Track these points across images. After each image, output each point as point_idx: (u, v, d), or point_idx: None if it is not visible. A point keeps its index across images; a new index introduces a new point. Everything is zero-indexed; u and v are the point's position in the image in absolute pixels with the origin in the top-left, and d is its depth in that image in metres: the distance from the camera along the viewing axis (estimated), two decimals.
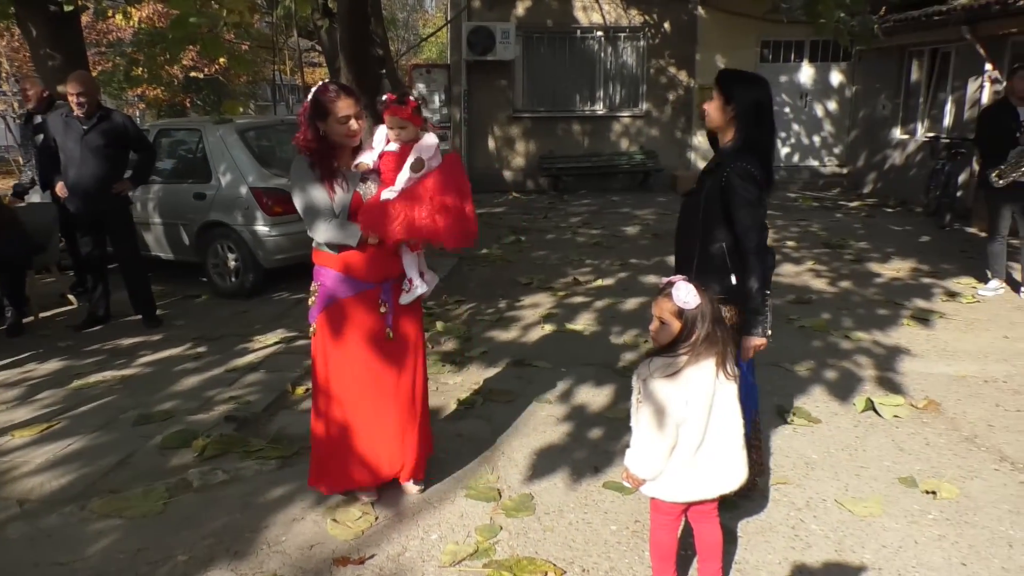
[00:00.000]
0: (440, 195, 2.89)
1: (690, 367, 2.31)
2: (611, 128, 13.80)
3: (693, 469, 2.37)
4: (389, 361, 3.06)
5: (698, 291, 2.32)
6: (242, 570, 2.79)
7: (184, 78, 22.41)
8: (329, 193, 2.93)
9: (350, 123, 2.92)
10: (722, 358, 2.36)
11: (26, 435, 3.98)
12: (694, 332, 2.31)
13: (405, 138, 2.95)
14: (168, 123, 8.44)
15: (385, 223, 2.86)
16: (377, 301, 3.02)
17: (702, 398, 2.33)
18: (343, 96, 2.90)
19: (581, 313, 6.00)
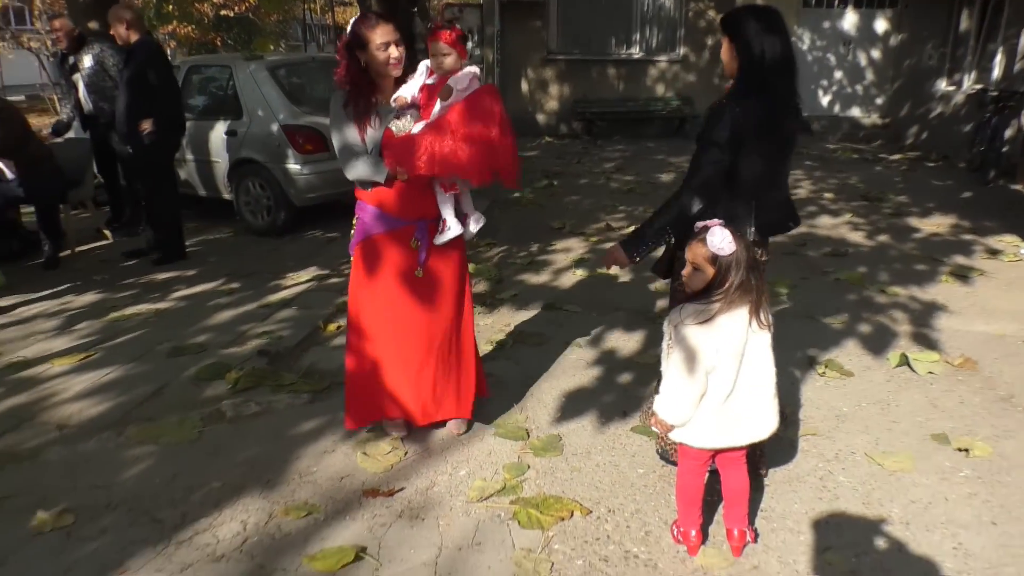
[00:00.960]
0: (463, 127, 2.77)
1: (723, 314, 2.27)
2: (647, 73, 13.50)
3: (722, 416, 2.35)
4: (420, 300, 3.03)
5: (734, 237, 2.26)
6: (274, 498, 2.84)
7: (214, 16, 22.25)
8: (361, 130, 2.88)
9: (390, 50, 2.84)
10: (756, 306, 2.31)
11: (65, 363, 4.06)
12: (728, 279, 2.26)
13: (448, 66, 2.85)
14: (199, 60, 8.39)
15: (408, 157, 2.79)
16: (408, 240, 2.98)
17: (734, 346, 2.29)
18: (382, 23, 2.83)
19: None
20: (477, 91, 2.86)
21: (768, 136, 2.63)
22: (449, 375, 3.14)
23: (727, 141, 2.57)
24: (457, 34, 2.84)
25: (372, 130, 2.88)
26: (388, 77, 2.91)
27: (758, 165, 2.65)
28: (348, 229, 6.30)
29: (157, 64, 5.76)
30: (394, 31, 2.84)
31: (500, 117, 2.84)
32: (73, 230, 6.40)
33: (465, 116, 2.79)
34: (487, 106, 2.83)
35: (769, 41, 2.58)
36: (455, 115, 2.80)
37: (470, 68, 2.89)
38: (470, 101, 2.83)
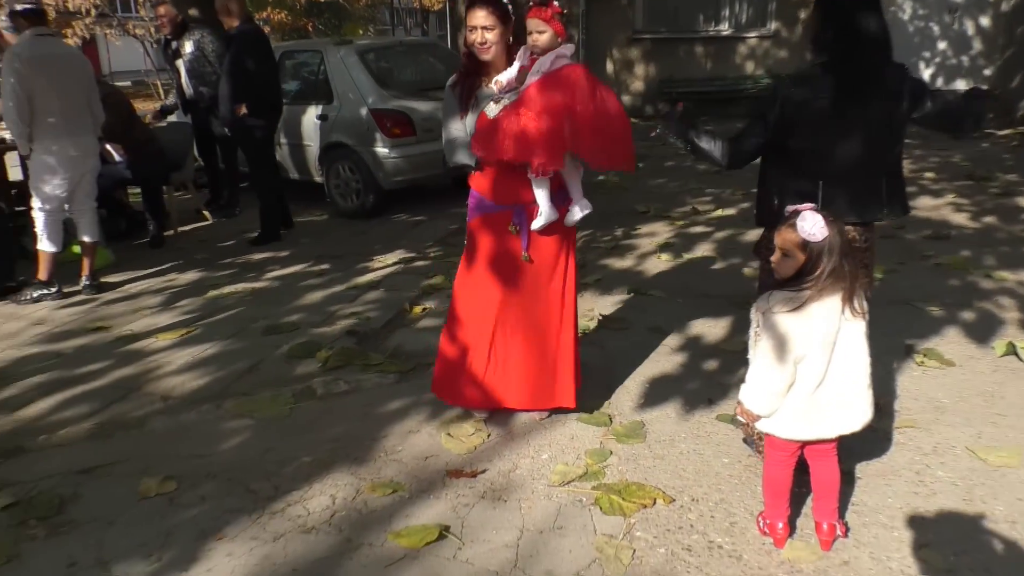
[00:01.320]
0: (532, 109, 2.74)
1: (814, 302, 2.19)
2: (736, 50, 13.10)
3: (812, 407, 2.28)
4: (516, 285, 3.03)
5: (826, 222, 2.18)
6: (361, 474, 2.93)
7: (306, 2, 22.78)
8: (462, 113, 2.92)
9: (475, 33, 2.86)
10: (849, 293, 2.22)
11: (168, 338, 4.27)
12: (819, 266, 2.18)
13: (542, 43, 2.80)
14: (291, 45, 8.62)
15: (485, 142, 2.81)
16: (506, 224, 2.98)
17: (825, 335, 2.22)
18: (475, 7, 2.85)
19: (700, 243, 5.84)
20: (553, 71, 2.80)
21: (840, 114, 2.53)
22: (545, 364, 3.12)
23: (773, 117, 2.57)
24: (554, 11, 2.78)
25: (471, 114, 2.91)
26: (488, 62, 2.91)
27: (819, 144, 2.58)
28: (435, 212, 6.39)
29: (256, 50, 5.96)
30: (486, 16, 2.83)
31: (582, 95, 2.76)
32: (176, 211, 6.70)
33: (536, 97, 2.76)
34: (563, 86, 2.76)
35: (856, 15, 2.49)
36: (528, 96, 2.78)
37: (560, 48, 2.84)
38: (544, 82, 2.78)
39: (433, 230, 6.42)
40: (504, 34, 2.88)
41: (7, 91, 4.64)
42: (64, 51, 5.00)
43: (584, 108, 2.76)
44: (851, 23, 2.51)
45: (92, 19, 21.24)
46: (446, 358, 3.20)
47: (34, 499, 2.80)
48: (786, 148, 2.66)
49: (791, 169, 2.67)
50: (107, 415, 3.44)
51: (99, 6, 20.34)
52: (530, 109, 2.75)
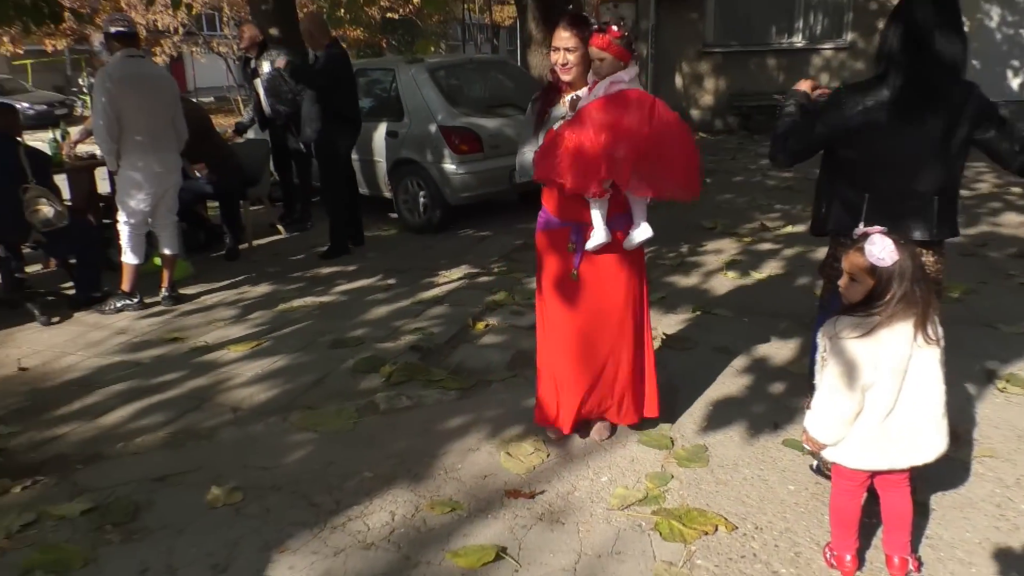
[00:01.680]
0: (570, 135, 2.76)
1: (883, 328, 2.12)
2: (810, 62, 12.82)
3: (881, 437, 2.20)
4: (572, 303, 3.04)
5: (896, 246, 2.10)
6: (421, 491, 2.95)
7: (381, 19, 23.32)
8: (536, 130, 2.99)
9: (558, 54, 2.90)
10: (922, 319, 2.14)
11: (240, 350, 4.41)
12: (889, 291, 2.11)
13: (604, 71, 2.82)
14: (364, 63, 8.81)
15: (542, 161, 2.84)
16: (566, 240, 3.00)
17: (894, 362, 2.14)
18: (561, 27, 2.90)
19: (768, 261, 5.71)
20: (605, 97, 2.81)
21: (894, 127, 2.47)
22: (615, 380, 3.11)
23: (828, 122, 2.57)
24: (613, 36, 2.78)
25: (542, 132, 2.96)
26: (572, 76, 2.94)
27: (869, 156, 2.53)
28: (500, 228, 6.44)
29: (336, 68, 6.13)
30: (570, 37, 2.87)
31: (631, 122, 2.75)
32: (251, 225, 6.92)
33: (578, 123, 2.78)
34: (611, 112, 2.76)
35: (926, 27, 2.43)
36: (569, 123, 2.82)
37: (618, 73, 2.84)
38: (590, 108, 2.80)
39: (498, 246, 6.46)
40: (587, 55, 2.89)
41: (97, 109, 4.88)
42: (152, 71, 5.23)
43: (629, 134, 2.74)
44: (919, 35, 2.44)
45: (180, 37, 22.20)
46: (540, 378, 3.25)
47: (111, 505, 2.91)
48: (838, 157, 2.65)
49: (841, 179, 2.66)
50: (180, 424, 3.56)
51: (186, 25, 21.24)
52: (574, 133, 2.77)
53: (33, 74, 24.88)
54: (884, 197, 2.55)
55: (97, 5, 20.65)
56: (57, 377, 4.15)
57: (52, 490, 3.05)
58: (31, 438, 3.48)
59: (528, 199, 3.17)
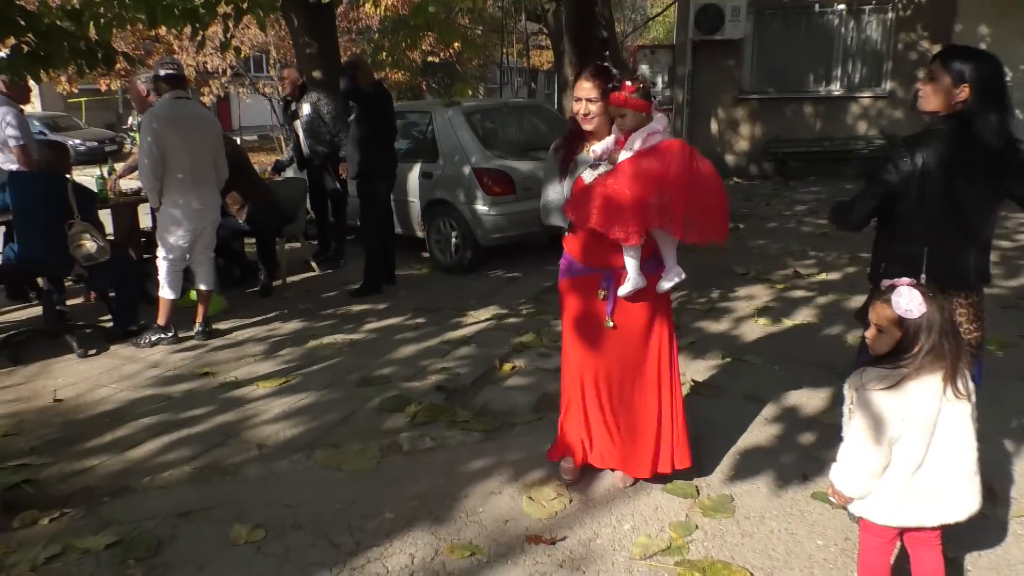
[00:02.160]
0: (623, 183, 2.79)
1: (911, 381, 2.09)
2: (847, 110, 12.78)
3: (910, 492, 2.15)
4: (605, 349, 3.04)
5: (925, 297, 2.07)
6: (441, 534, 2.93)
7: (422, 62, 23.81)
8: (561, 176, 3.02)
9: (580, 104, 2.94)
10: (951, 373, 2.10)
11: (268, 386, 4.45)
12: (916, 344, 2.08)
13: (627, 126, 2.86)
14: (403, 106, 8.99)
15: (577, 208, 2.87)
16: (596, 287, 3.01)
17: (922, 417, 2.10)
18: (583, 78, 2.94)
19: (800, 308, 5.64)
20: (646, 148, 2.84)
21: (951, 178, 2.54)
22: (646, 430, 3.08)
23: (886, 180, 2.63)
24: (628, 91, 2.82)
25: (568, 179, 2.99)
26: (593, 125, 2.98)
27: (924, 209, 2.59)
28: (530, 269, 6.45)
29: (373, 110, 6.26)
30: (591, 88, 2.91)
31: (675, 170, 2.78)
32: (286, 261, 7.03)
33: (622, 173, 2.82)
34: (654, 162, 2.80)
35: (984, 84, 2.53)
36: (618, 171, 2.84)
37: (652, 123, 2.86)
38: (633, 159, 2.84)
39: (528, 287, 6.47)
40: (608, 106, 2.94)
41: (143, 148, 5.04)
42: (197, 112, 5.40)
43: (676, 183, 2.77)
44: (982, 91, 2.54)
45: (227, 78, 22.88)
46: (562, 417, 3.26)
47: (135, 539, 2.94)
48: (892, 211, 2.68)
49: (896, 232, 2.71)
50: (206, 459, 3.59)
51: (234, 67, 21.89)
52: (617, 183, 2.80)
53: (87, 112, 25.78)
54: (943, 249, 2.59)
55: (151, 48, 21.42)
56: (90, 409, 4.23)
57: (79, 522, 3.09)
58: (61, 469, 3.53)
59: (559, 242, 3.18)
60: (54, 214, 5.03)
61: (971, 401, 2.15)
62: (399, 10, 18.71)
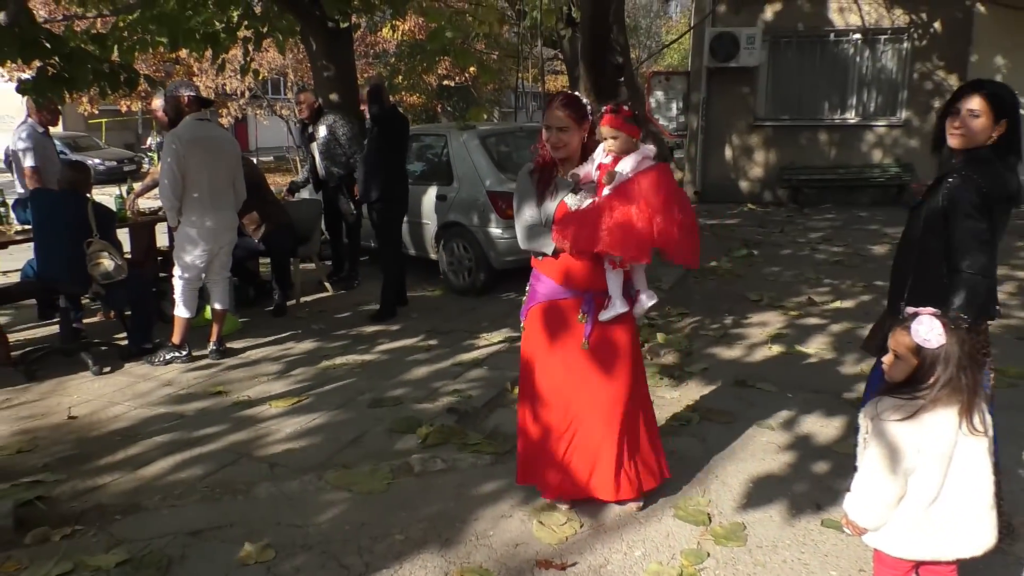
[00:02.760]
0: (617, 208, 2.83)
1: (926, 413, 2.07)
2: (863, 138, 12.77)
3: (925, 525, 2.12)
4: (583, 373, 3.05)
5: (945, 328, 2.06)
6: (451, 557, 2.92)
7: (437, 86, 24.04)
8: (539, 200, 3.02)
9: (550, 132, 2.98)
10: (966, 408, 2.07)
11: (281, 406, 4.47)
12: (932, 375, 2.06)
13: (618, 149, 2.93)
14: (418, 129, 9.08)
15: (567, 233, 2.89)
16: (576, 310, 3.02)
17: (937, 449, 2.08)
18: (556, 107, 2.98)
19: (814, 335, 5.61)
20: (639, 173, 2.90)
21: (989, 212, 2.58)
22: (624, 451, 3.09)
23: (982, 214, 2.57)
24: (625, 115, 2.91)
25: (549, 201, 3.01)
26: (563, 154, 3.01)
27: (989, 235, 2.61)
28: None
29: (391, 135, 6.32)
30: (563, 118, 2.96)
31: (664, 197, 2.85)
32: (300, 282, 7.07)
33: (625, 197, 2.86)
34: (646, 187, 2.86)
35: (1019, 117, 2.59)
36: (616, 196, 2.88)
37: (643, 149, 2.96)
38: (631, 183, 2.88)
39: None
40: (579, 133, 3.00)
41: (164, 168, 5.12)
42: (217, 134, 5.48)
43: (671, 207, 2.85)
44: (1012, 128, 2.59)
45: (245, 100, 23.19)
46: (527, 444, 3.21)
47: (145, 558, 2.94)
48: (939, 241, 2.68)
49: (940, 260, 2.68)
50: (218, 478, 3.60)
51: (252, 89, 22.19)
52: (622, 207, 2.83)
53: (107, 132, 26.15)
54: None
55: (171, 70, 21.75)
56: (104, 426, 4.25)
57: (90, 540, 3.10)
58: (74, 487, 3.55)
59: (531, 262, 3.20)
60: (74, 233, 5.10)
61: (988, 436, 2.13)
62: (416, 35, 18.95)
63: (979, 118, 2.58)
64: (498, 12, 12.37)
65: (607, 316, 2.99)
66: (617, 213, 2.83)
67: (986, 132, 2.59)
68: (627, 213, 2.82)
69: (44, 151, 6.35)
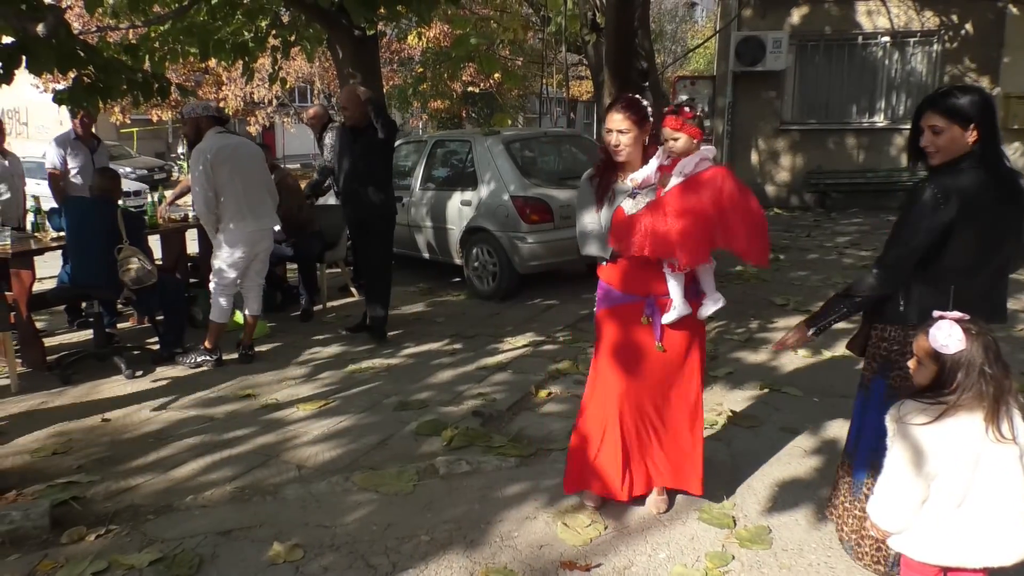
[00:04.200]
0: (676, 209, 2.83)
1: (948, 418, 2.05)
2: (891, 141, 12.65)
3: (951, 531, 2.10)
4: (644, 376, 3.06)
5: (966, 334, 2.05)
6: (476, 558, 2.95)
7: (463, 92, 24.17)
8: (598, 206, 3.02)
9: (611, 135, 2.98)
10: (991, 414, 2.05)
11: (308, 409, 4.52)
12: (953, 380, 2.05)
13: (678, 149, 2.92)
14: (443, 135, 9.15)
15: (625, 237, 2.89)
16: (636, 314, 3.02)
17: (960, 455, 2.06)
18: (613, 110, 2.99)
19: (841, 340, 5.52)
20: (698, 174, 2.90)
21: (979, 217, 2.49)
22: (678, 450, 3.14)
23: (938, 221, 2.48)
24: (686, 116, 2.89)
25: (607, 208, 3.01)
26: (625, 157, 3.01)
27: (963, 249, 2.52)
28: (567, 297, 6.46)
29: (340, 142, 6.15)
30: (622, 120, 2.96)
31: (728, 197, 2.85)
32: (326, 287, 7.15)
33: (679, 199, 2.85)
34: (706, 188, 2.86)
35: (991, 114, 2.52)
36: (671, 197, 2.87)
37: (702, 150, 2.94)
38: (687, 184, 2.88)
39: (564, 315, 6.49)
40: (639, 136, 2.99)
41: (195, 181, 5.22)
42: (239, 142, 5.56)
43: (734, 206, 2.85)
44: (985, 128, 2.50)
45: (273, 108, 23.49)
46: (582, 449, 3.19)
47: (177, 557, 3.00)
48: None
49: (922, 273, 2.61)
50: (247, 479, 3.66)
51: (279, 97, 22.47)
52: (676, 209, 2.84)
53: (138, 141, 26.60)
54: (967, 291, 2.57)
55: (200, 79, 22.09)
56: (136, 429, 4.34)
57: (123, 539, 3.16)
58: (108, 487, 3.63)
59: (595, 270, 3.20)
60: (105, 239, 5.20)
61: (1017, 444, 2.10)
62: (441, 42, 19.08)
63: (943, 133, 2.49)
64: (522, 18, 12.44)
65: (671, 318, 2.97)
66: (673, 216, 2.83)
67: (959, 142, 2.49)
68: (684, 215, 2.82)
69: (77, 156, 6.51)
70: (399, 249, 8.26)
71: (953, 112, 2.49)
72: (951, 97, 2.52)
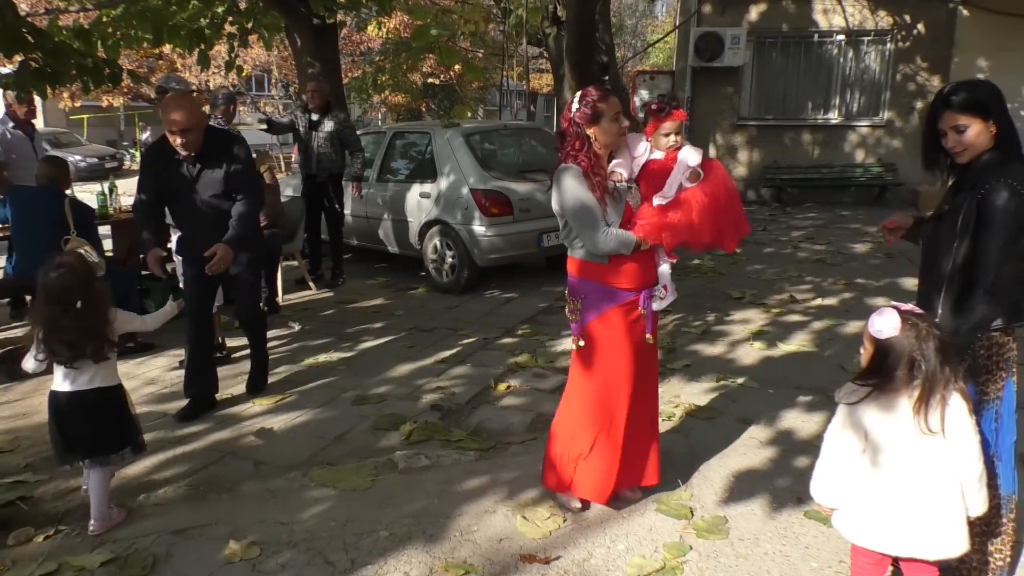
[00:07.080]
0: (710, 201, 2.96)
1: (873, 401, 2.16)
2: (845, 138, 12.90)
3: (891, 521, 2.17)
4: (645, 368, 3.12)
5: (902, 323, 2.10)
6: (435, 552, 2.94)
7: (422, 84, 24.02)
8: (602, 203, 2.93)
9: (620, 119, 2.97)
10: (920, 405, 2.10)
11: (264, 404, 4.46)
12: (882, 365, 2.14)
13: (678, 143, 3.04)
14: (402, 127, 9.08)
15: (661, 229, 2.92)
16: (635, 310, 3.04)
17: (882, 436, 2.16)
18: (609, 95, 2.99)
19: (796, 333, 5.67)
20: (713, 167, 3.07)
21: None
22: (649, 443, 3.23)
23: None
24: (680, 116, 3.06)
25: (614, 201, 2.97)
26: (609, 149, 3.02)
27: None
28: (526, 290, 6.40)
29: None
30: (619, 103, 3.03)
31: (734, 189, 3.09)
32: (281, 280, 7.04)
33: (709, 190, 2.99)
34: (722, 180, 3.05)
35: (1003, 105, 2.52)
36: (701, 191, 2.98)
37: (688, 145, 3.07)
38: (711, 177, 3.02)
39: (524, 308, 6.50)
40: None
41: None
42: None
43: (734, 195, 3.09)
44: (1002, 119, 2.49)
45: None
46: (571, 451, 3.12)
47: (130, 558, 2.93)
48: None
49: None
50: (203, 476, 3.60)
51: (236, 85, 22.07)
52: (708, 196, 2.97)
53: (89, 128, 25.87)
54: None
55: (154, 65, 21.59)
56: None
57: (74, 540, 3.08)
58: (57, 487, 3.53)
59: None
60: (52, 230, 5.04)
61: (949, 439, 2.13)
62: (401, 33, 18.92)
63: (968, 129, 2.46)
64: (484, 10, 12.37)
65: (663, 305, 3.09)
66: (711, 203, 2.96)
67: (984, 135, 2.46)
68: (717, 202, 2.98)
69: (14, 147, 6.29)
70: (359, 242, 8.20)
71: (972, 107, 2.46)
72: (965, 93, 2.48)
